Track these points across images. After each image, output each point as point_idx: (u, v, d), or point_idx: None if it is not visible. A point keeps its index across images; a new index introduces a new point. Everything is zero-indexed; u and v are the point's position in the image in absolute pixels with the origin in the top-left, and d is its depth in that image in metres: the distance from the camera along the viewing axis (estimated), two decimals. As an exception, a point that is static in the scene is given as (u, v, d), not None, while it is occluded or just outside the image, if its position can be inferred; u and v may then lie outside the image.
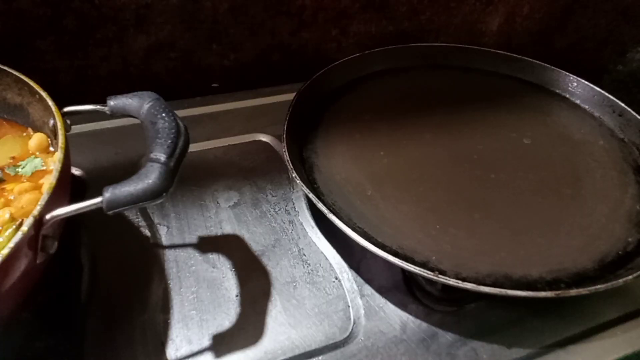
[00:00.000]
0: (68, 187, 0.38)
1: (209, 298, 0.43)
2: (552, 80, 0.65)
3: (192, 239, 0.48)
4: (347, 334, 0.41)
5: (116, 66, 0.63)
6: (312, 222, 0.51)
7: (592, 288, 0.38)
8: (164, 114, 0.37)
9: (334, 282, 0.45)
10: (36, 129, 0.44)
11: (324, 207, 0.42)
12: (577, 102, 0.63)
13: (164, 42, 0.63)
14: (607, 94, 0.60)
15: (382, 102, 0.62)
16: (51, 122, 0.40)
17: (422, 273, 0.38)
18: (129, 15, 0.59)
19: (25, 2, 0.54)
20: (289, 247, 0.48)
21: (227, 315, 0.42)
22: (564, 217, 0.47)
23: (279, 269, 0.46)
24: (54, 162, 0.35)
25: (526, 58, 0.66)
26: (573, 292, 0.38)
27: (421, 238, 0.44)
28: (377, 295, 0.44)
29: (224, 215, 0.51)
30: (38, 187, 0.39)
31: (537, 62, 0.66)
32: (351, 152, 0.53)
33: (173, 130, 0.36)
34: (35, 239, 0.31)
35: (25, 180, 0.40)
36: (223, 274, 0.45)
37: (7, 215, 0.35)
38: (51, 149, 0.43)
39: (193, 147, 0.50)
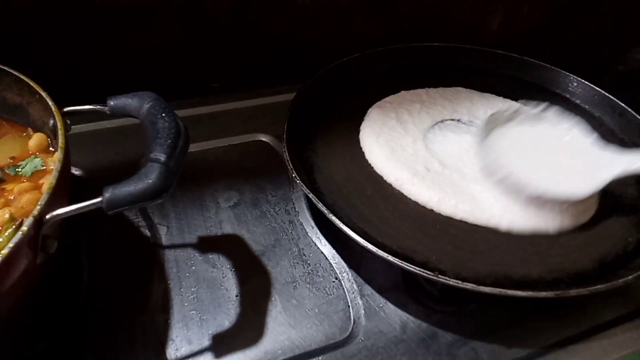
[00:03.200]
0: (68, 187, 0.38)
1: (209, 298, 0.43)
2: (552, 80, 0.65)
3: (192, 239, 0.48)
4: (347, 334, 0.41)
5: (116, 66, 0.63)
6: (312, 222, 0.51)
7: (592, 288, 0.38)
8: (163, 114, 0.37)
9: (334, 282, 0.45)
10: (36, 129, 0.44)
11: (324, 207, 0.42)
12: (578, 102, 0.63)
13: (164, 42, 0.63)
14: (607, 94, 0.60)
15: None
16: (51, 122, 0.40)
17: (422, 273, 0.38)
18: (129, 15, 0.59)
19: (26, 2, 0.54)
20: (289, 247, 0.48)
21: (227, 315, 0.42)
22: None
23: (279, 269, 0.46)
24: (54, 162, 0.35)
25: (526, 58, 0.66)
26: (573, 292, 0.38)
27: (421, 238, 0.44)
28: (377, 295, 0.44)
29: (224, 215, 0.51)
30: (38, 187, 0.39)
31: (537, 61, 0.66)
32: (351, 152, 0.53)
33: (173, 130, 0.36)
34: (35, 239, 0.31)
35: (25, 180, 0.40)
36: (223, 274, 0.45)
37: (7, 215, 0.35)
38: (51, 149, 0.43)
39: (193, 147, 0.50)
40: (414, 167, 0.49)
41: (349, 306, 0.43)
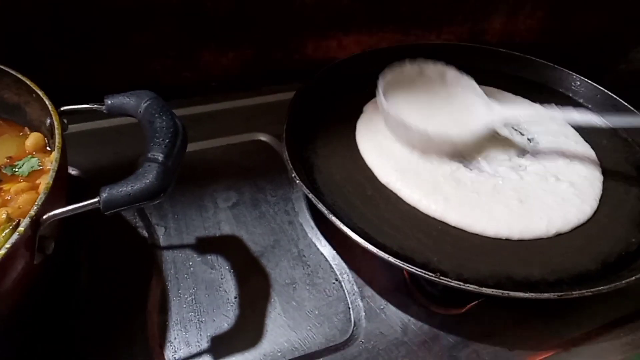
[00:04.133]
0: (65, 187, 0.37)
1: (208, 300, 0.43)
2: (555, 79, 0.65)
3: (191, 239, 0.48)
4: (348, 336, 0.41)
5: (115, 65, 0.63)
6: (312, 223, 0.51)
7: (595, 289, 0.37)
8: (161, 113, 0.37)
9: (334, 283, 0.45)
10: (33, 129, 0.44)
11: (324, 207, 0.42)
12: (580, 101, 0.63)
13: (164, 41, 0.63)
14: (610, 93, 0.60)
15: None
16: (48, 121, 0.40)
17: (423, 274, 0.38)
18: (129, 15, 0.59)
19: (26, 2, 0.54)
20: (288, 248, 0.48)
21: (225, 317, 0.42)
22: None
23: (278, 270, 0.46)
24: (51, 162, 0.34)
25: (529, 56, 0.66)
26: (576, 293, 0.37)
27: (422, 239, 0.43)
28: (377, 297, 0.44)
29: (222, 216, 0.51)
30: (35, 187, 0.39)
31: (540, 60, 0.66)
32: (351, 152, 0.53)
33: (171, 130, 0.36)
34: (32, 240, 0.31)
35: (22, 181, 0.40)
36: (222, 275, 0.45)
37: (3, 216, 0.35)
38: (48, 148, 0.43)
39: (192, 147, 0.50)
40: (401, 166, 0.50)
41: (349, 308, 0.43)
